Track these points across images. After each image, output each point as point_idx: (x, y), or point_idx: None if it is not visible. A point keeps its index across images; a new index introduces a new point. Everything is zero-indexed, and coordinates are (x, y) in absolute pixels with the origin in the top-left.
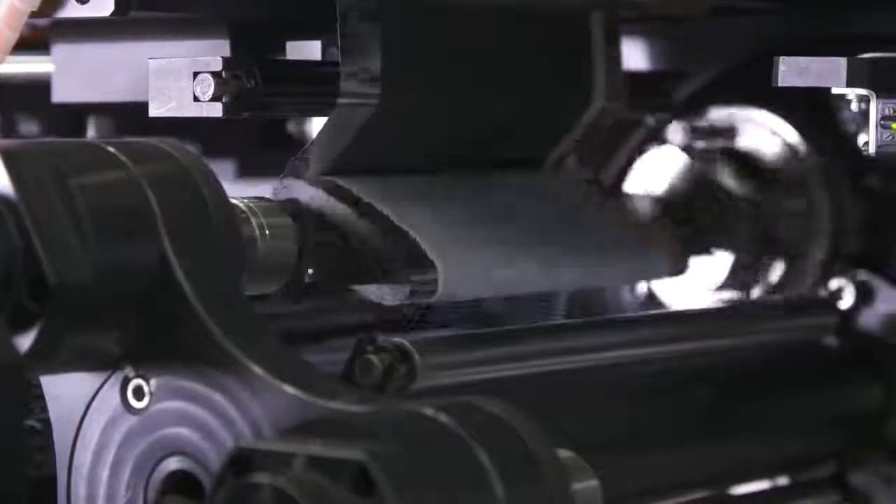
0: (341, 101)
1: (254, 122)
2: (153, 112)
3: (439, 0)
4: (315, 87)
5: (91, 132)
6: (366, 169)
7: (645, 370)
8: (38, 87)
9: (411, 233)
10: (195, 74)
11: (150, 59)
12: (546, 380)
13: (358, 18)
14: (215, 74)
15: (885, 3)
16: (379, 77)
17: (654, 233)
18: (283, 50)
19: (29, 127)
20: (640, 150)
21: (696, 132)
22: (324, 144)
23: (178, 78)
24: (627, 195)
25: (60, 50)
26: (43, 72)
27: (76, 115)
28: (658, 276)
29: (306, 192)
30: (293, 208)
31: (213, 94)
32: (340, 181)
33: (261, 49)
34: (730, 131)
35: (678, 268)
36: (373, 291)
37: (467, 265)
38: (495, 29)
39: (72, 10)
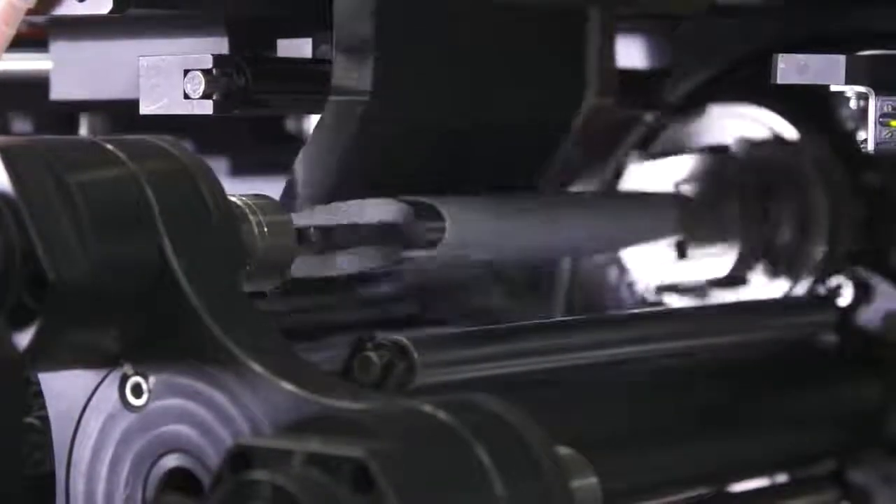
0: (332, 98)
1: (246, 120)
2: (143, 109)
3: None
4: (305, 84)
5: (83, 130)
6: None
7: (643, 367)
8: (36, 85)
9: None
10: (185, 72)
11: (140, 56)
12: (545, 377)
13: (352, 15)
14: (205, 72)
15: (883, 1)
16: (371, 74)
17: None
18: (274, 47)
19: (25, 125)
20: (640, 148)
21: (697, 129)
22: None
23: (168, 75)
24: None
25: (59, 47)
26: (41, 69)
27: (70, 113)
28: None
29: None
30: None
31: (204, 92)
32: None
33: (252, 47)
34: (732, 128)
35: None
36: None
37: (472, 223)
38: (488, 25)
39: (70, 8)
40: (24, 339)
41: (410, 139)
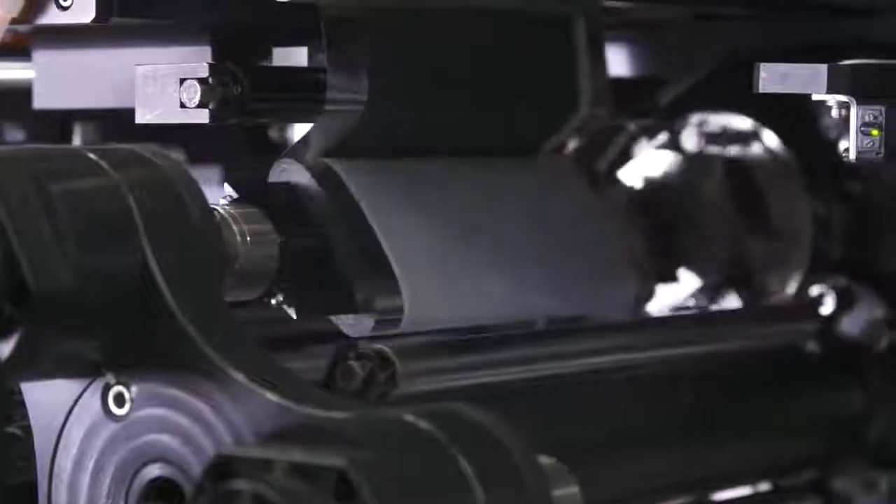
0: (328, 107)
1: (242, 129)
2: (139, 119)
3: (424, 6)
4: (302, 92)
5: (76, 139)
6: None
7: (626, 376)
8: (20, 94)
9: (385, 248)
10: (182, 81)
11: (137, 65)
12: (528, 386)
13: (344, 24)
14: (202, 81)
15: (864, 11)
16: (366, 84)
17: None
18: (269, 56)
19: (11, 134)
20: (624, 156)
21: (681, 137)
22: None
23: (164, 84)
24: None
25: (42, 56)
26: (24, 78)
27: (60, 122)
28: (626, 307)
29: (300, 177)
30: (278, 198)
31: (200, 101)
32: (334, 165)
33: (247, 55)
34: (715, 137)
35: (645, 295)
36: (339, 321)
37: (436, 295)
38: (480, 35)
39: (53, 17)
40: (5, 348)
41: (403, 149)
